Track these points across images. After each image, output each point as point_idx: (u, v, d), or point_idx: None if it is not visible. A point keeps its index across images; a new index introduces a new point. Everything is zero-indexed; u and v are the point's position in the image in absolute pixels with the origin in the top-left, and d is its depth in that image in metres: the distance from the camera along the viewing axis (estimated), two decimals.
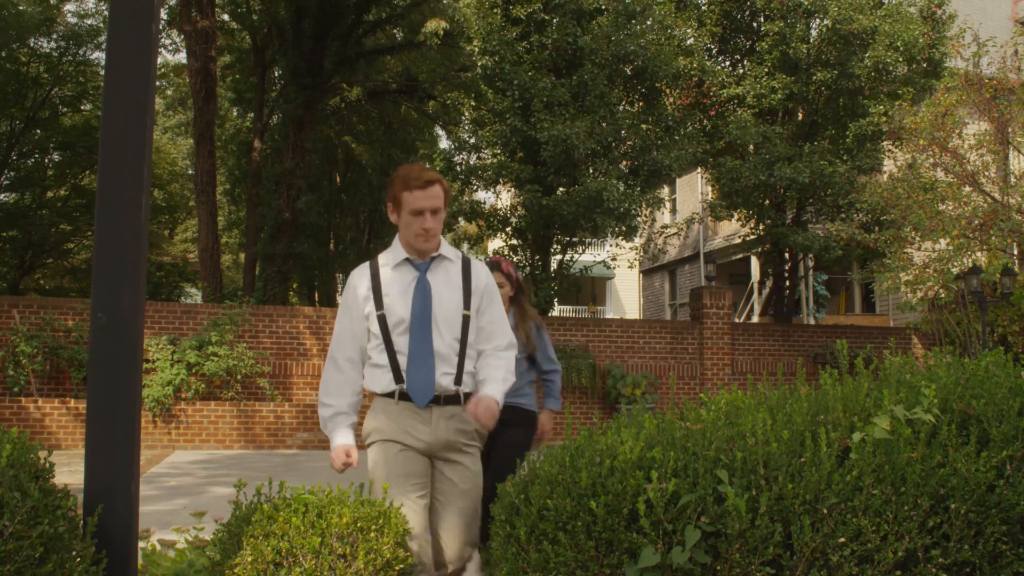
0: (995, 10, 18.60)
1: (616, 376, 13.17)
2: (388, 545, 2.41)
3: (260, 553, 2.37)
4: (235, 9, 19.24)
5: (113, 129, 2.19)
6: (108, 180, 2.18)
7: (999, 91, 11.45)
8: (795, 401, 2.49)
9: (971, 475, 2.19)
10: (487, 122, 13.99)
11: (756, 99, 14.26)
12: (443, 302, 2.75)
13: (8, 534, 1.80)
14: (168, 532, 4.11)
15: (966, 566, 2.19)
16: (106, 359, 2.13)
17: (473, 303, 2.81)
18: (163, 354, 11.43)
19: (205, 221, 16.61)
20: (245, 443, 11.52)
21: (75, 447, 10.85)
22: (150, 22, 2.23)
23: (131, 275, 2.16)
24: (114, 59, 2.22)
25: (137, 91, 2.21)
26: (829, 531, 2.13)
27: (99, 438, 2.11)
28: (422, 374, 2.69)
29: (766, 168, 13.60)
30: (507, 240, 14.83)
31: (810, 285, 19.65)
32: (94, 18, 18.43)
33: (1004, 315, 12.48)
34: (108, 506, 2.07)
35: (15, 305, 11.53)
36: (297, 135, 16.54)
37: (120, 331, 2.14)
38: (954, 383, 2.55)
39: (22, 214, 18.62)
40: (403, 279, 2.76)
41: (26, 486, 1.87)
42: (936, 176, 11.99)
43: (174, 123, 28.18)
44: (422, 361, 2.70)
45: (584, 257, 15.95)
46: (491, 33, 13.15)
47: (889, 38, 13.57)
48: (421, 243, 2.73)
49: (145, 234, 2.20)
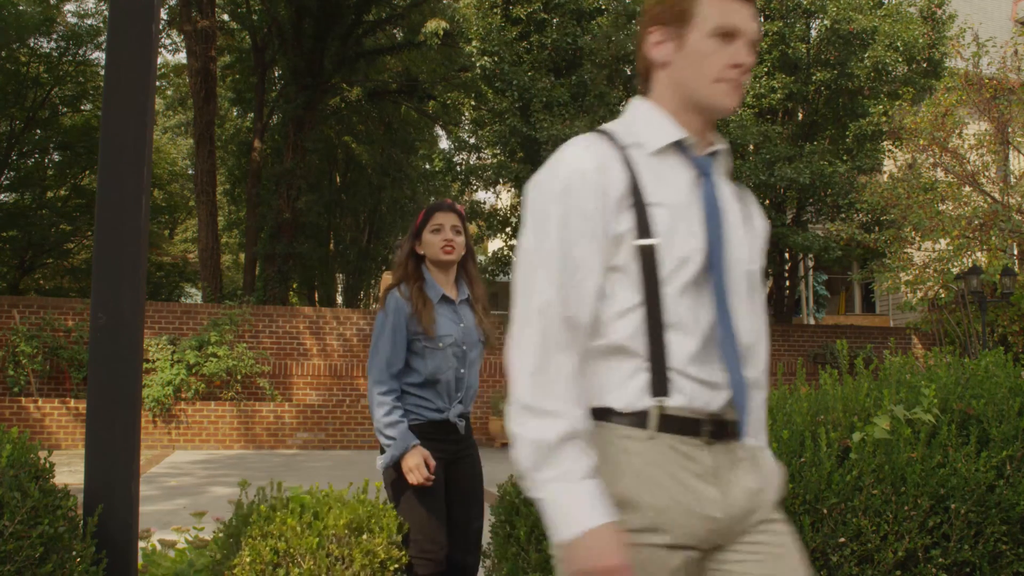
0: (995, 10, 18.61)
1: None
2: (382, 545, 2.42)
3: (258, 554, 2.37)
4: (235, 9, 19.23)
5: (113, 129, 2.19)
6: (108, 180, 2.18)
7: (999, 91, 11.45)
8: (795, 401, 2.49)
9: (971, 475, 2.19)
10: (487, 122, 14.00)
11: (756, 99, 14.26)
12: (737, 238, 1.42)
13: (8, 534, 1.80)
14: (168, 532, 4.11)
15: (966, 566, 2.19)
16: (106, 359, 2.13)
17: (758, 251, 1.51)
18: (163, 354, 11.43)
19: (205, 221, 16.61)
20: (245, 443, 11.52)
21: (75, 447, 10.85)
22: (150, 22, 2.23)
23: (131, 275, 2.16)
24: (114, 59, 2.22)
25: (137, 91, 2.21)
26: (829, 531, 2.13)
27: (99, 438, 2.11)
28: (735, 377, 1.33)
29: (766, 168, 13.61)
30: (507, 240, 14.84)
31: (810, 285, 19.65)
32: (94, 18, 18.42)
33: (1004, 315, 12.48)
34: (108, 506, 2.07)
35: (15, 305, 11.53)
36: (297, 135, 16.54)
37: (120, 331, 2.14)
38: (954, 383, 2.55)
39: (22, 214, 18.61)
40: (679, 180, 1.38)
41: (26, 486, 1.87)
42: (936, 176, 11.99)
43: (174, 123, 28.15)
44: (729, 349, 1.34)
45: None
46: (491, 33, 13.16)
47: (889, 38, 13.58)
48: (725, 93, 1.37)
49: (145, 234, 2.20)
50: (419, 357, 2.73)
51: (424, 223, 2.87)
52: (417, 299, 2.74)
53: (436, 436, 2.73)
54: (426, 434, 2.70)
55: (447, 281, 2.87)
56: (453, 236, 2.80)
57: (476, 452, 2.92)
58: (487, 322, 2.92)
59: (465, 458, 2.83)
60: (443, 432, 2.76)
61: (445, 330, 2.75)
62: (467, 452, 2.85)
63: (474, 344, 2.84)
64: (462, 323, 2.81)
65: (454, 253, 2.82)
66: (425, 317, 2.71)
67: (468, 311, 2.88)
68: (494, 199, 15.82)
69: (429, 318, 2.72)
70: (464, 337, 2.79)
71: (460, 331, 2.80)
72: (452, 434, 2.77)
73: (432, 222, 2.83)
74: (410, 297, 2.76)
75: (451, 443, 2.77)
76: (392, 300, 2.76)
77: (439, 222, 2.82)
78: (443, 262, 2.83)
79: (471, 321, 2.85)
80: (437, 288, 2.82)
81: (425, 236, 2.84)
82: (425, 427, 2.72)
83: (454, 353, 2.76)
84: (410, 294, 2.77)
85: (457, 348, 2.77)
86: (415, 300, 2.74)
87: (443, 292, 2.82)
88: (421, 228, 2.86)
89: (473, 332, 2.84)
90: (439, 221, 2.82)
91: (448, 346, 2.75)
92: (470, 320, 2.85)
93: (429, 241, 2.83)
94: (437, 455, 2.68)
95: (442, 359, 2.74)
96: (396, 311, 2.74)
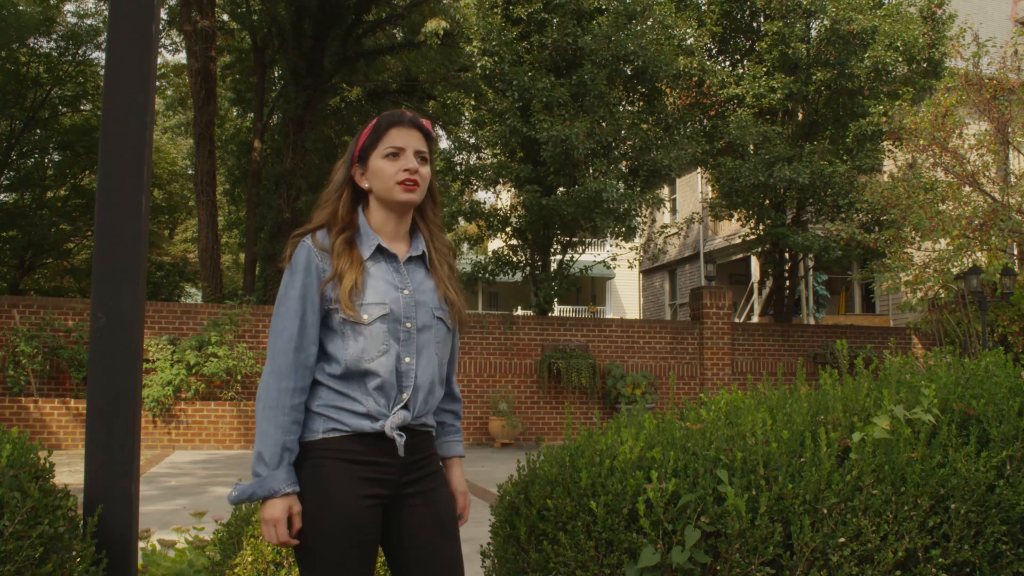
0: (995, 10, 18.61)
1: (616, 376, 13.18)
2: None
3: (260, 553, 2.37)
4: (235, 9, 19.24)
5: (113, 129, 2.19)
6: (108, 180, 2.18)
7: (999, 91, 11.45)
8: (795, 401, 2.49)
9: (971, 475, 2.19)
10: (487, 122, 14.00)
11: (756, 99, 14.26)
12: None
13: (8, 534, 1.80)
14: (168, 532, 4.11)
15: (966, 566, 2.19)
16: (106, 359, 2.13)
17: None
18: (163, 354, 11.44)
19: (205, 221, 16.62)
20: (245, 443, 11.52)
21: (75, 447, 10.85)
22: (150, 22, 2.23)
23: (131, 275, 2.16)
24: (114, 59, 2.22)
25: (137, 91, 2.21)
26: (829, 531, 2.13)
27: (99, 438, 2.11)
28: None
29: (766, 168, 13.61)
30: (507, 240, 14.84)
31: (810, 285, 19.66)
32: (94, 18, 18.44)
33: (1004, 315, 12.48)
34: (108, 506, 2.07)
35: (15, 305, 11.53)
36: (297, 135, 16.55)
37: (120, 331, 2.14)
38: (954, 383, 2.55)
39: (22, 214, 18.63)
40: None
41: (26, 486, 1.87)
42: (936, 176, 11.99)
43: (174, 123, 28.17)
44: None
45: (584, 257, 15.96)
46: (491, 33, 13.16)
47: (889, 38, 13.58)
48: None
49: (145, 234, 2.20)
50: (337, 336, 1.85)
51: (372, 142, 1.93)
52: (341, 250, 1.86)
53: (365, 458, 1.81)
54: (350, 454, 1.81)
55: (397, 231, 1.96)
56: (418, 165, 1.91)
57: (440, 482, 1.97)
58: (453, 291, 1.98)
59: (419, 493, 1.89)
60: (376, 451, 1.83)
61: (374, 297, 1.85)
62: (421, 484, 1.90)
63: (427, 320, 1.91)
64: (406, 289, 1.90)
65: (416, 191, 1.91)
66: (347, 278, 1.83)
67: (422, 273, 1.96)
68: (494, 199, 15.81)
69: (351, 279, 1.83)
70: (407, 310, 1.88)
71: (402, 300, 1.88)
72: (389, 456, 1.83)
73: (385, 142, 1.91)
74: (330, 247, 1.88)
75: (390, 470, 1.84)
76: (303, 253, 1.87)
77: (397, 143, 1.91)
78: (399, 203, 1.91)
79: (426, 288, 1.94)
80: (371, 236, 1.92)
81: (374, 162, 1.92)
82: (347, 443, 1.81)
83: (390, 331, 1.85)
84: (331, 243, 1.88)
85: (396, 325, 1.86)
86: (336, 251, 1.87)
87: (379, 242, 1.91)
88: (368, 149, 1.94)
89: (427, 303, 1.92)
90: (397, 142, 1.91)
91: (377, 320, 1.84)
92: (423, 286, 1.94)
93: (380, 170, 1.91)
94: (367, 491, 1.81)
95: (369, 340, 1.83)
96: (307, 269, 1.86)
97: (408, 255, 1.95)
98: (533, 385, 13.30)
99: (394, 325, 1.86)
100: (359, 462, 1.81)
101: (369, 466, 1.82)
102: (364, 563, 1.82)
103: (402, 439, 1.84)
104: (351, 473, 1.80)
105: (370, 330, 1.83)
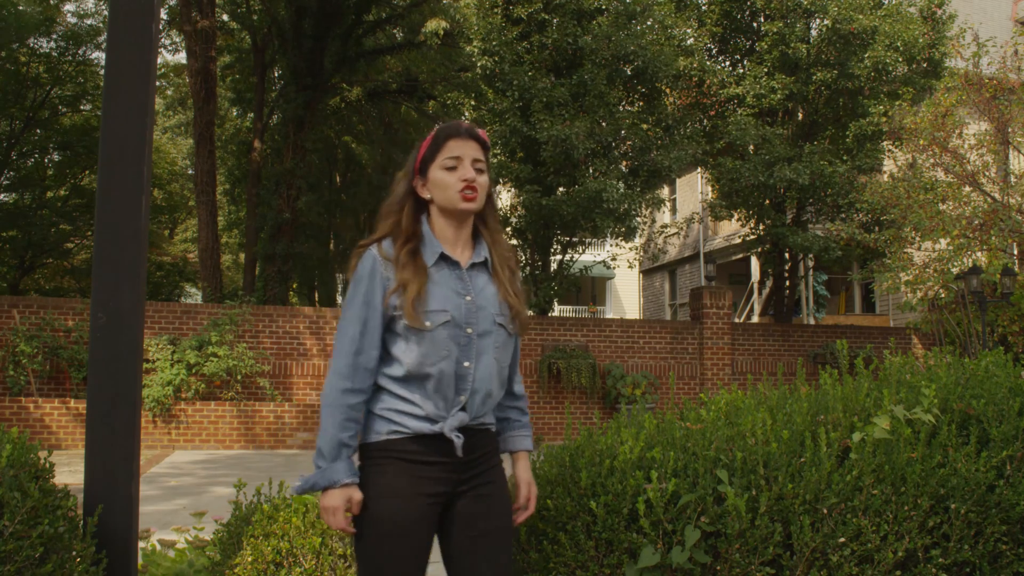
0: (995, 10, 18.61)
1: (616, 376, 13.18)
2: None
3: (260, 553, 2.38)
4: (235, 9, 19.24)
5: (113, 129, 2.19)
6: (108, 180, 2.18)
7: (999, 91, 11.44)
8: (795, 401, 2.49)
9: (971, 475, 2.19)
10: (487, 122, 14.00)
11: (756, 99, 14.26)
12: None
13: (8, 534, 1.80)
14: (168, 532, 4.11)
15: (966, 566, 2.19)
16: (106, 359, 2.13)
17: None
18: (163, 354, 11.43)
19: (205, 221, 16.62)
20: (245, 443, 11.52)
21: (75, 447, 10.85)
22: (150, 22, 2.23)
23: (131, 275, 2.16)
24: (114, 59, 2.22)
25: (137, 91, 2.21)
26: (829, 531, 2.13)
27: (99, 438, 2.11)
28: None
29: (766, 168, 13.61)
30: (507, 239, 14.82)
31: (810, 285, 19.66)
32: (94, 18, 18.43)
33: (1004, 315, 12.48)
34: (108, 506, 2.07)
35: (15, 305, 11.53)
36: (297, 135, 16.54)
37: (120, 331, 2.14)
38: (954, 383, 2.55)
39: (22, 214, 18.61)
40: None
41: (26, 486, 1.87)
42: (936, 176, 11.98)
43: (174, 123, 28.19)
44: None
45: (584, 257, 15.96)
46: (491, 33, 13.16)
47: (889, 38, 13.58)
48: None
49: (145, 234, 2.20)
50: (401, 341, 1.92)
51: (432, 154, 1.99)
52: (406, 261, 1.92)
53: (424, 458, 1.90)
54: (411, 455, 1.89)
55: (458, 238, 2.02)
56: (475, 175, 1.97)
57: (500, 481, 2.02)
58: (515, 296, 2.03)
59: (476, 491, 1.96)
60: (434, 452, 1.91)
61: (437, 304, 1.90)
62: (480, 482, 1.97)
63: (488, 326, 1.96)
64: (468, 295, 1.95)
65: (476, 199, 1.98)
66: (411, 287, 1.88)
67: (484, 279, 2.01)
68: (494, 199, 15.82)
69: (415, 288, 1.88)
70: (469, 316, 1.93)
71: (464, 306, 1.94)
72: (448, 456, 1.91)
73: (444, 153, 1.98)
74: (395, 257, 1.93)
75: (447, 469, 1.92)
76: (368, 262, 1.94)
77: (455, 153, 1.97)
78: (460, 211, 1.98)
79: (488, 294, 1.99)
80: (435, 244, 1.98)
81: (434, 173, 1.99)
82: (408, 444, 1.90)
83: (452, 337, 1.91)
84: (395, 253, 1.94)
85: (457, 331, 1.92)
86: (400, 262, 1.92)
87: (442, 250, 1.97)
88: (427, 161, 2.00)
89: (488, 309, 1.97)
90: (455, 152, 1.97)
91: (440, 326, 1.90)
92: (486, 292, 1.99)
93: (441, 181, 1.97)
94: (426, 490, 1.89)
95: (431, 346, 1.89)
96: (371, 276, 1.92)
97: (471, 261, 2.02)
98: (533, 385, 13.29)
99: (455, 331, 1.92)
100: (420, 462, 1.90)
101: (429, 466, 1.91)
102: (420, 559, 1.91)
103: (460, 440, 1.91)
104: (412, 472, 1.89)
105: (432, 336, 1.90)
